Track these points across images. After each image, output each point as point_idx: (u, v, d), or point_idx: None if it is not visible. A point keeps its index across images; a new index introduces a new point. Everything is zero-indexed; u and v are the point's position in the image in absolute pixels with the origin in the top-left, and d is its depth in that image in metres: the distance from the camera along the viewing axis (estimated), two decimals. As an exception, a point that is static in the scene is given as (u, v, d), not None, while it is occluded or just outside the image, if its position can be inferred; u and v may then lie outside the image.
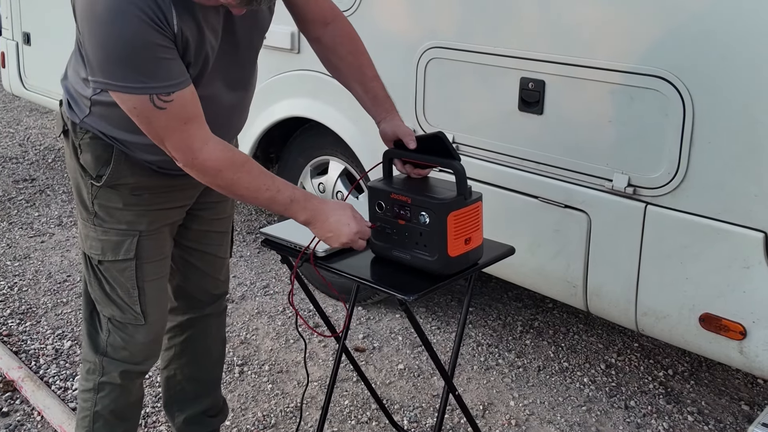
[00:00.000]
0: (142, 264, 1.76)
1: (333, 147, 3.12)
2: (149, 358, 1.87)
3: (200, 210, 1.92)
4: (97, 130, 1.67)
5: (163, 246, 1.82)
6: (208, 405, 2.16)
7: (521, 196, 2.46)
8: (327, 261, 1.74)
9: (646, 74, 2.10)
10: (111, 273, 1.77)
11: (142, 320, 1.79)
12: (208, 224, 1.96)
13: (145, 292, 1.78)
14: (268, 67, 3.19)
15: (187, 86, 1.48)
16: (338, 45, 1.83)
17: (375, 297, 3.19)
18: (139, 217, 1.74)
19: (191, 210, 1.90)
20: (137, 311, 1.78)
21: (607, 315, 2.39)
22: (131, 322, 1.79)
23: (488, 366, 2.86)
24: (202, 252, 1.98)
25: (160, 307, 1.85)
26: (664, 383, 2.76)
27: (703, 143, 2.04)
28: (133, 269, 1.76)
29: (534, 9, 2.32)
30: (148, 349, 1.85)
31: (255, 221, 4.23)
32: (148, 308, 1.80)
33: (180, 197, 1.82)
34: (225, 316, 2.16)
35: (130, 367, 1.84)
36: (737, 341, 2.07)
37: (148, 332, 1.82)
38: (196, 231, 1.94)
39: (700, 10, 1.99)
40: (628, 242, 2.24)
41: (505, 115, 2.44)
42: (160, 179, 1.73)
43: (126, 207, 1.73)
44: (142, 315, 1.79)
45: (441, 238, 1.60)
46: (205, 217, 1.94)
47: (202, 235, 1.96)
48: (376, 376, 2.78)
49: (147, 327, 1.81)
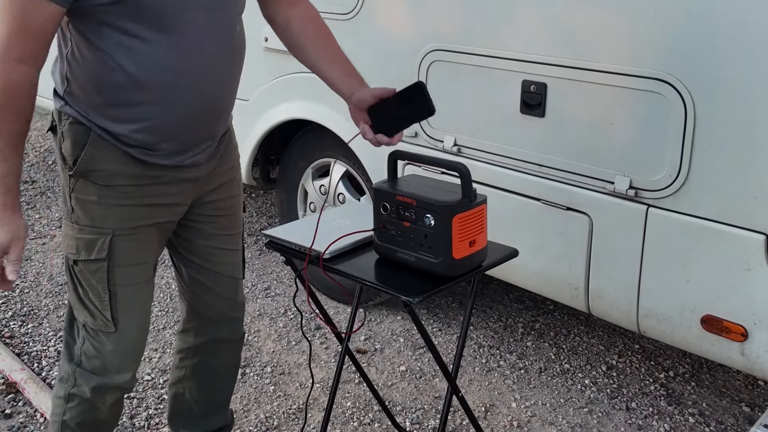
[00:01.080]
0: (114, 266, 1.68)
1: (334, 149, 3.13)
2: (122, 371, 1.76)
3: (200, 222, 1.85)
4: (77, 112, 1.62)
5: (143, 250, 1.73)
6: (215, 425, 2.11)
7: (523, 198, 2.47)
8: (332, 263, 1.74)
9: (648, 77, 2.11)
10: (84, 275, 1.70)
11: (112, 327, 1.71)
12: (214, 240, 1.88)
13: (117, 297, 1.70)
14: (270, 70, 3.20)
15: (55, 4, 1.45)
16: (308, 25, 1.81)
17: (377, 299, 3.20)
18: (114, 213, 1.66)
19: (190, 222, 1.84)
20: (107, 317, 1.71)
21: (608, 317, 2.40)
22: (101, 329, 1.72)
23: (490, 368, 2.87)
24: (210, 270, 1.90)
25: (136, 316, 1.75)
26: (665, 385, 2.77)
27: (705, 146, 2.05)
28: (104, 271, 1.68)
29: (535, 11, 2.33)
30: (119, 360, 1.75)
31: (256, 223, 4.24)
32: (120, 315, 1.71)
33: (162, 193, 1.71)
34: (242, 343, 2.08)
35: (101, 380, 1.75)
36: (739, 343, 2.08)
37: (119, 341, 1.73)
38: (201, 246, 1.87)
39: (701, 13, 2.00)
40: (630, 244, 2.25)
41: (507, 117, 2.45)
42: (138, 167, 1.65)
43: (101, 200, 1.65)
44: (113, 322, 1.71)
45: (446, 241, 1.61)
46: (208, 231, 1.86)
47: (208, 251, 1.88)
48: (378, 377, 2.79)
49: (117, 335, 1.72)
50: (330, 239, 1.77)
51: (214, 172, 1.81)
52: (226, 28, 1.65)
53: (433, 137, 2.68)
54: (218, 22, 1.62)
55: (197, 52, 1.59)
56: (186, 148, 1.68)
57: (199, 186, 1.78)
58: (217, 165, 1.81)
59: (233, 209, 1.91)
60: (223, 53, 1.66)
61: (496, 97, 2.46)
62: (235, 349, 2.06)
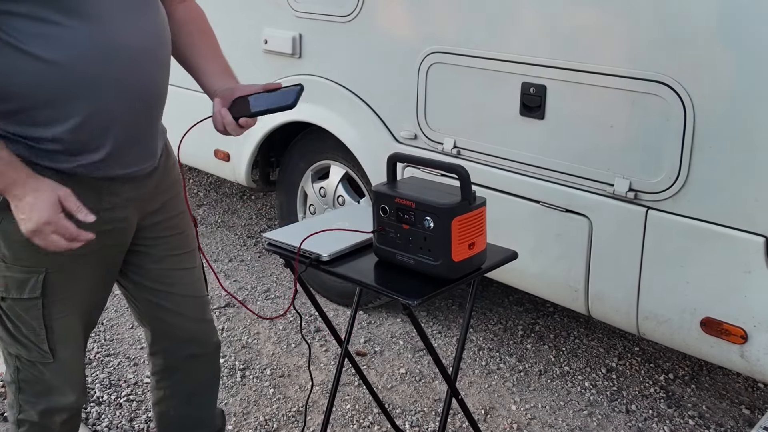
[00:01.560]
0: (50, 302, 1.59)
1: (334, 151, 3.13)
2: (66, 393, 1.69)
3: (148, 246, 1.75)
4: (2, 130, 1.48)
5: (79, 279, 1.63)
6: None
7: (523, 200, 2.47)
8: (331, 265, 1.74)
9: (647, 79, 2.11)
10: (14, 311, 1.60)
11: (50, 358, 1.64)
12: (166, 262, 1.78)
13: (53, 330, 1.61)
14: (269, 72, 3.20)
15: None
16: (189, 21, 1.74)
17: (377, 301, 3.19)
18: (44, 251, 1.49)
19: (138, 246, 1.74)
20: (44, 349, 1.63)
21: (608, 319, 2.40)
22: (38, 360, 1.64)
23: (489, 370, 2.86)
24: (168, 293, 1.80)
25: (73, 341, 1.68)
26: (665, 387, 2.76)
27: (704, 148, 2.05)
28: (39, 308, 1.58)
29: (535, 14, 2.33)
30: (61, 384, 1.68)
31: (255, 225, 4.24)
32: (57, 345, 1.63)
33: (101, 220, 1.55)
34: (218, 352, 1.96)
35: (46, 405, 1.68)
36: (738, 345, 2.08)
37: (59, 369, 1.66)
38: (153, 270, 1.77)
39: (701, 16, 2.00)
40: (630, 247, 2.25)
41: (506, 119, 2.45)
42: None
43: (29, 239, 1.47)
44: (50, 353, 1.63)
45: (445, 243, 1.61)
46: (159, 254, 1.76)
47: (162, 274, 1.78)
48: (377, 380, 2.79)
49: (56, 364, 1.65)
50: (329, 242, 1.77)
51: (156, 191, 1.71)
52: (147, 11, 1.57)
53: (433, 139, 2.68)
54: (138, 7, 1.54)
55: (120, 37, 1.48)
56: (122, 148, 1.56)
57: (141, 206, 1.68)
58: (158, 183, 1.71)
59: (182, 227, 1.80)
60: (148, 38, 1.56)
61: (495, 99, 2.46)
62: (211, 360, 1.96)
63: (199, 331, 1.88)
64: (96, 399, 2.66)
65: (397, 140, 2.81)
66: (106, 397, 2.67)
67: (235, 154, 3.46)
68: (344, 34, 2.89)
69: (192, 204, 4.55)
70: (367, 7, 2.78)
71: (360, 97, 2.90)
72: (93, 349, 2.97)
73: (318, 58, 3.02)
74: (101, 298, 1.75)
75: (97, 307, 1.75)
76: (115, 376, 2.80)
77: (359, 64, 2.88)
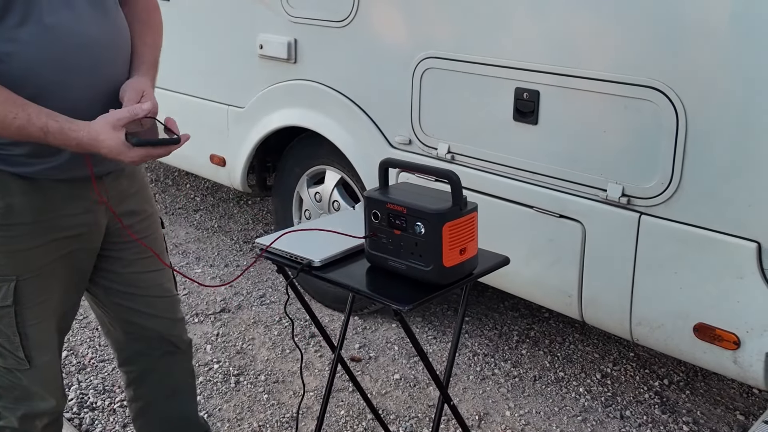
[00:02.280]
0: (23, 309, 1.58)
1: (329, 156, 3.13)
2: (45, 398, 1.69)
3: (117, 251, 1.74)
4: None
5: (51, 285, 1.62)
6: None
7: (516, 206, 2.47)
8: (323, 271, 1.74)
9: (640, 85, 2.11)
10: None
11: (26, 365, 1.63)
12: (136, 265, 1.78)
13: (28, 337, 1.61)
14: (265, 77, 3.20)
15: None
16: (131, 11, 1.69)
17: (371, 307, 3.19)
18: (15, 259, 1.54)
19: (107, 252, 1.73)
20: (20, 356, 1.62)
21: (602, 325, 2.40)
22: (15, 367, 1.63)
23: (484, 376, 2.86)
24: (140, 295, 1.80)
25: (48, 346, 1.67)
26: (659, 393, 2.76)
27: (696, 153, 2.05)
28: (12, 316, 1.58)
29: (528, 19, 2.34)
30: (39, 389, 1.68)
31: (252, 230, 4.24)
32: (33, 352, 1.63)
33: (69, 225, 1.60)
34: (191, 350, 1.96)
35: (26, 409, 1.67)
36: (731, 351, 2.08)
37: (36, 375, 1.65)
38: (123, 275, 1.77)
39: (692, 21, 2.01)
40: (623, 252, 2.25)
41: (500, 125, 2.45)
42: (38, 196, 1.54)
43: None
44: (26, 360, 1.63)
45: (436, 249, 1.61)
46: (128, 258, 1.76)
47: (132, 278, 1.78)
48: (372, 386, 2.78)
49: (33, 370, 1.65)
50: (321, 247, 1.77)
51: (123, 194, 1.72)
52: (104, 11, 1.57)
53: (427, 144, 2.68)
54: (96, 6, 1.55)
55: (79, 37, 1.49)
56: None
57: (108, 210, 1.68)
58: (126, 186, 1.72)
59: (150, 229, 1.80)
60: (108, 37, 1.56)
61: (489, 104, 2.47)
62: (186, 358, 1.96)
63: (171, 330, 1.87)
64: (90, 404, 2.66)
65: (392, 145, 2.81)
66: (99, 402, 2.67)
67: (231, 159, 3.46)
68: (339, 40, 2.89)
69: (189, 209, 4.56)
70: (361, 13, 2.79)
71: (355, 102, 2.90)
72: (87, 354, 2.96)
73: (313, 63, 3.02)
74: (74, 303, 1.74)
75: (71, 311, 1.74)
76: (109, 381, 2.79)
77: (354, 69, 2.88)
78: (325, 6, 2.90)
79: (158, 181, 5.04)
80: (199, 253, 3.91)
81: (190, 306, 3.35)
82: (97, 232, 1.69)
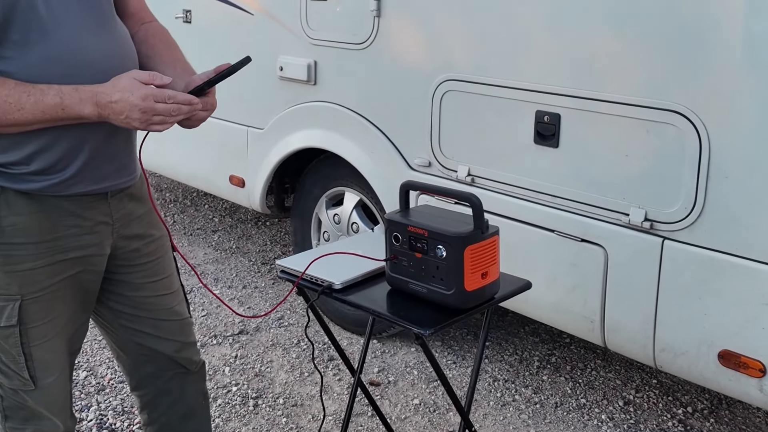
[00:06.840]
0: (27, 330, 1.57)
1: (348, 178, 3.13)
2: (52, 420, 1.67)
3: (125, 274, 1.73)
4: None
5: (57, 306, 1.61)
6: None
7: (537, 229, 2.45)
8: (343, 293, 1.73)
9: (662, 108, 2.10)
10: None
11: (31, 386, 1.62)
12: (145, 290, 1.76)
13: (33, 357, 1.60)
14: (285, 99, 3.22)
15: None
16: (150, 37, 1.72)
17: (390, 330, 3.17)
18: (19, 278, 1.53)
19: (115, 275, 1.71)
20: (25, 377, 1.61)
21: (624, 351, 2.36)
22: (20, 388, 1.62)
23: (505, 402, 2.82)
24: (149, 318, 1.77)
25: (54, 367, 1.65)
26: (683, 421, 2.71)
27: (720, 178, 2.03)
28: (17, 336, 1.57)
29: (549, 42, 2.34)
30: (45, 410, 1.66)
31: (270, 251, 4.24)
32: (38, 372, 1.61)
33: (74, 246, 1.59)
34: (204, 372, 1.93)
35: (35, 430, 1.66)
36: (757, 379, 2.04)
37: (41, 396, 1.64)
38: (132, 298, 1.75)
39: (715, 45, 1.99)
40: (646, 277, 2.22)
41: (520, 148, 2.44)
42: (44, 217, 1.54)
43: (3, 266, 1.51)
44: (32, 380, 1.61)
45: (458, 272, 1.60)
46: (137, 282, 1.74)
47: (141, 302, 1.76)
48: (391, 410, 2.76)
49: (38, 392, 1.63)
50: (341, 270, 1.76)
51: (129, 217, 1.70)
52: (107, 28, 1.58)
53: (447, 167, 2.68)
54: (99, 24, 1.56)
55: (83, 53, 1.51)
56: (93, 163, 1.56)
57: (113, 232, 1.66)
58: (132, 209, 1.70)
59: (160, 252, 1.78)
60: (111, 54, 1.57)
61: (509, 127, 2.46)
62: (199, 379, 1.93)
63: (180, 352, 1.84)
64: (109, 426, 2.65)
65: (412, 167, 2.80)
66: (119, 424, 2.66)
67: (250, 180, 3.47)
68: (359, 62, 2.90)
69: (207, 230, 4.57)
70: (381, 35, 2.80)
71: (374, 124, 2.91)
72: (106, 375, 2.96)
73: (333, 85, 3.03)
74: (81, 323, 1.73)
75: (79, 332, 1.73)
76: (128, 402, 2.78)
77: (374, 91, 2.89)
78: (345, 28, 2.92)
79: (177, 202, 5.07)
80: (217, 274, 3.91)
81: (209, 327, 3.35)
82: (102, 254, 1.67)
